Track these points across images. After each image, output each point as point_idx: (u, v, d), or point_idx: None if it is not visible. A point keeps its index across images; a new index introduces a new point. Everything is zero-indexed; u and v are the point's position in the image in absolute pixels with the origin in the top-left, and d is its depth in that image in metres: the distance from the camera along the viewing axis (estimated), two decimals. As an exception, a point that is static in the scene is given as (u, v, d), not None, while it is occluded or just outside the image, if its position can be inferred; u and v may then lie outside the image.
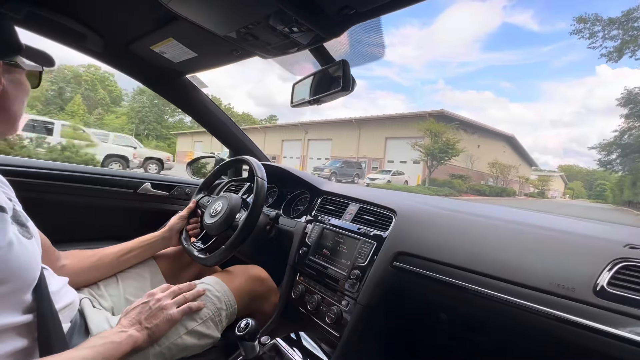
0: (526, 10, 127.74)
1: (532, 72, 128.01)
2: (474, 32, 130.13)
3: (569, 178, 72.68)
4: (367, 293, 0.76)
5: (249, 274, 0.90)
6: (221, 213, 0.92)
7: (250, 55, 0.88)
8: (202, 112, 1.30)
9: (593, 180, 72.38)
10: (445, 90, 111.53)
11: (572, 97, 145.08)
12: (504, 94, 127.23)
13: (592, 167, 75.38)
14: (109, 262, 0.81)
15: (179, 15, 0.68)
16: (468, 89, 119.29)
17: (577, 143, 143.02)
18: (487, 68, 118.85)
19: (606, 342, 0.47)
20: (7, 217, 0.50)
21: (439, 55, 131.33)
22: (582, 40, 25.53)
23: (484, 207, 0.90)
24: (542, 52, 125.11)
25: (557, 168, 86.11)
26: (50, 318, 0.53)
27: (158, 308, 0.66)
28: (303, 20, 0.64)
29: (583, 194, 68.86)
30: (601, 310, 0.49)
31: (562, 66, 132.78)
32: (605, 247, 0.57)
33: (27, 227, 0.56)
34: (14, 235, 0.49)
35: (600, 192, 59.34)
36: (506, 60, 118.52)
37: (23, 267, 0.49)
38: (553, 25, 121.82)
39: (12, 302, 0.49)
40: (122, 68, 1.10)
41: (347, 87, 0.77)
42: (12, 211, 0.54)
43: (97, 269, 0.79)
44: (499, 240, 0.68)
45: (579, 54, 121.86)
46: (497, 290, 0.60)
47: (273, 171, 1.24)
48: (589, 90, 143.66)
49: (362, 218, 0.91)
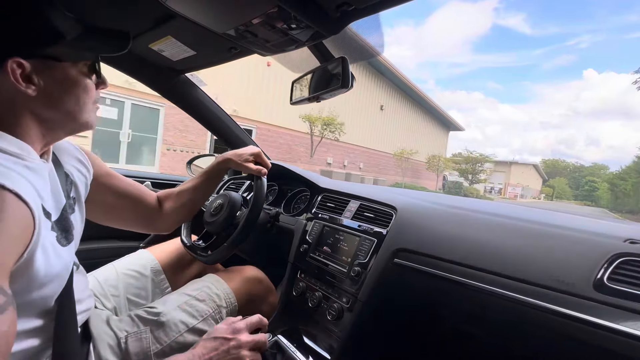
0: (518, 14, 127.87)
1: (523, 74, 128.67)
2: (465, 34, 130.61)
3: (552, 174, 63.02)
4: (368, 290, 0.77)
5: (246, 275, 0.90)
6: (221, 211, 0.93)
7: (248, 52, 0.88)
8: (201, 110, 1.30)
9: (580, 178, 62.48)
10: (435, 90, 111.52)
11: (560, 99, 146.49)
12: (493, 95, 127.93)
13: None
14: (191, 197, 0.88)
15: (178, 13, 0.67)
16: (458, 90, 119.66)
17: (565, 145, 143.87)
18: (478, 70, 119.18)
19: (606, 337, 0.47)
20: (49, 224, 0.48)
21: (431, 56, 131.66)
22: (570, 45, 23.43)
23: (484, 204, 0.90)
24: (533, 55, 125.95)
25: (540, 162, 70.44)
26: (70, 325, 0.52)
27: (235, 357, 0.57)
28: (302, 17, 0.64)
29: (567, 193, 57.15)
30: (601, 305, 0.49)
31: (551, 69, 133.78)
32: (605, 242, 0.57)
33: (68, 232, 0.53)
34: (50, 245, 0.46)
35: (589, 191, 50.88)
36: (497, 62, 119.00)
37: (53, 279, 0.47)
38: (545, 29, 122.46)
39: (33, 308, 0.48)
40: (121, 67, 1.10)
41: (346, 84, 0.77)
42: (60, 213, 0.52)
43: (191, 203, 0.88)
44: (498, 236, 0.68)
45: (568, 58, 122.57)
46: (497, 286, 0.60)
47: (273, 169, 1.24)
48: (576, 93, 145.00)
49: (363, 215, 0.91)
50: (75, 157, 0.64)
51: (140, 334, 0.66)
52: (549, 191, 51.04)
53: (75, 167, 0.63)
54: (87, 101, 0.55)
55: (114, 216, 0.79)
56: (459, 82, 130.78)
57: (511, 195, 32.41)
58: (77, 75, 0.53)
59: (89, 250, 1.20)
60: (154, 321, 0.68)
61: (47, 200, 0.49)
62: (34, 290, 0.45)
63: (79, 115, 0.55)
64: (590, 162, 70.74)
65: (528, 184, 39.65)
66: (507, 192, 32.76)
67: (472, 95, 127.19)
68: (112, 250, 1.23)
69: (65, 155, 0.62)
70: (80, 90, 0.54)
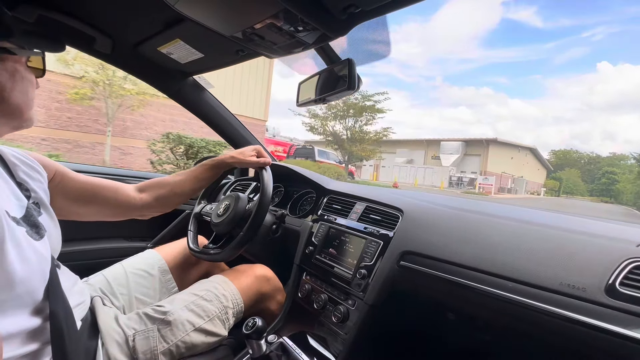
0: (529, 7, 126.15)
1: (534, 68, 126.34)
2: (473, 29, 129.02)
3: (561, 166, 52.92)
4: (374, 292, 0.76)
5: (256, 274, 0.91)
6: (228, 212, 0.93)
7: (255, 55, 0.89)
8: (209, 112, 1.31)
9: (596, 170, 50.32)
10: (443, 87, 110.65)
11: (573, 93, 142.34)
12: (503, 90, 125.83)
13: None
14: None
15: (186, 16, 0.68)
16: (468, 86, 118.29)
17: (580, 139, 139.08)
18: (488, 65, 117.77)
19: (618, 343, 0.46)
20: (15, 219, 0.49)
21: (439, 52, 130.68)
22: (584, 37, 22.41)
23: (492, 206, 0.89)
24: (544, 48, 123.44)
25: (549, 153, 60.87)
26: (64, 315, 0.53)
27: None
28: (308, 20, 0.64)
29: (580, 187, 45.61)
30: (613, 311, 0.48)
31: (564, 63, 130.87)
32: (617, 246, 0.56)
33: (38, 228, 0.54)
34: (23, 237, 0.48)
35: (607, 185, 40.16)
36: (507, 57, 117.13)
37: (34, 270, 0.48)
38: (557, 22, 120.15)
39: (23, 304, 0.48)
40: (130, 69, 1.12)
41: (352, 85, 0.77)
42: (26, 210, 0.53)
43: (174, 195, 0.86)
44: (507, 239, 0.67)
45: (581, 51, 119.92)
46: (505, 290, 0.59)
47: (279, 170, 1.24)
48: (589, 87, 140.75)
49: (369, 217, 0.90)
50: (25, 164, 0.61)
51: (148, 332, 0.67)
52: (554, 184, 40.67)
53: (28, 173, 0.61)
54: (33, 97, 0.57)
55: (83, 212, 0.77)
56: (468, 78, 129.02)
57: (485, 189, 21.70)
58: (25, 70, 0.56)
59: (98, 250, 1.22)
60: (161, 320, 0.69)
61: (4, 198, 0.50)
62: (17, 285, 0.46)
63: (26, 110, 0.57)
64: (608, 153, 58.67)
65: (522, 175, 29.39)
66: (478, 184, 22.24)
67: (481, 91, 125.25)
68: (121, 250, 1.25)
69: (13, 165, 0.59)
70: (29, 84, 0.57)
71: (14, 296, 0.46)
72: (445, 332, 0.84)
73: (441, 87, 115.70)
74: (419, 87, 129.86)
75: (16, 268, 0.45)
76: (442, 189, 21.81)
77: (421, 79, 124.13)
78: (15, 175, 0.58)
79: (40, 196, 0.60)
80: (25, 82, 0.56)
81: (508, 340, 0.70)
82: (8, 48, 0.52)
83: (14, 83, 0.54)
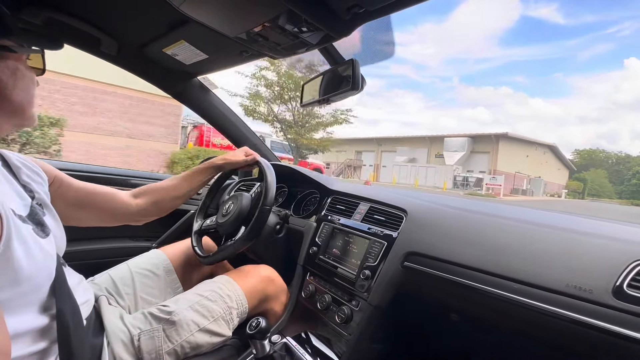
0: (550, 3, 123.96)
1: (556, 66, 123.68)
2: (490, 28, 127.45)
3: (585, 167, 49.45)
4: (378, 293, 0.76)
5: (260, 275, 0.91)
6: (232, 212, 0.94)
7: (260, 56, 0.89)
8: (213, 113, 1.32)
9: (626, 171, 46.10)
10: (459, 87, 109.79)
11: (598, 91, 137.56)
12: (523, 89, 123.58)
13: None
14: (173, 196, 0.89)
15: (191, 17, 0.69)
16: (486, 86, 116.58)
17: (607, 139, 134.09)
18: (506, 64, 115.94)
19: (624, 346, 0.46)
20: (21, 217, 0.50)
21: (456, 52, 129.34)
22: (609, 33, 20.83)
23: (496, 207, 0.88)
24: (567, 45, 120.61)
25: (573, 153, 58.08)
26: (71, 312, 0.53)
27: None
28: (312, 20, 0.64)
29: (607, 189, 42.76)
30: (620, 313, 0.47)
31: (587, 60, 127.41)
32: (625, 248, 0.55)
33: (43, 226, 0.55)
34: (29, 235, 0.49)
35: (639, 186, 37.67)
36: (527, 55, 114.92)
37: (40, 267, 0.49)
38: (579, 18, 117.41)
39: (30, 302, 0.49)
40: (135, 70, 1.13)
41: (356, 86, 0.77)
42: (30, 209, 0.54)
43: (169, 200, 0.89)
44: (512, 240, 0.66)
45: (606, 47, 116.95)
46: (510, 292, 0.59)
47: (283, 171, 1.24)
48: (615, 84, 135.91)
49: (373, 218, 0.90)
50: (27, 168, 0.63)
51: (153, 332, 0.67)
52: (578, 186, 37.26)
53: (30, 176, 0.62)
54: (34, 94, 0.58)
55: (81, 217, 0.78)
56: (486, 77, 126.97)
57: (493, 190, 19.62)
58: (25, 68, 0.56)
59: (103, 249, 1.23)
60: (166, 320, 0.69)
61: (10, 197, 0.50)
62: (24, 282, 0.46)
63: (28, 107, 0.57)
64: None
65: (539, 175, 26.55)
66: (484, 185, 20.13)
67: (500, 91, 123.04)
68: (126, 250, 1.26)
69: (17, 169, 0.61)
70: (30, 82, 0.57)
71: (21, 293, 0.47)
72: (449, 334, 0.84)
73: (458, 87, 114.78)
74: (434, 88, 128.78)
75: (22, 265, 0.45)
76: (444, 190, 19.92)
77: (436, 79, 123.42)
78: (19, 177, 0.59)
79: (43, 197, 0.62)
80: (26, 80, 0.56)
81: (513, 341, 0.70)
82: (9, 46, 0.53)
83: (15, 81, 0.54)
